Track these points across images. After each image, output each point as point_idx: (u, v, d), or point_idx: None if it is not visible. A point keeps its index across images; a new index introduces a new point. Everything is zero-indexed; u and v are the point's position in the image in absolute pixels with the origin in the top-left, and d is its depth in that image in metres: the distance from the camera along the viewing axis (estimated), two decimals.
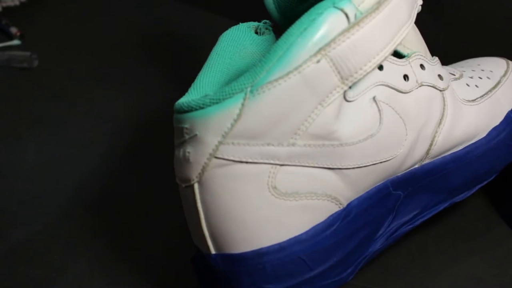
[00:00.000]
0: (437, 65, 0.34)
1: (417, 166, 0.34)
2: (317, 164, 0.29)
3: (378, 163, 0.31)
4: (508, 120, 0.37)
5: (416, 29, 0.34)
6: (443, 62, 0.40)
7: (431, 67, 0.33)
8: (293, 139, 0.28)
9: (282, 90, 0.27)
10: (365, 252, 0.33)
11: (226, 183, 0.28)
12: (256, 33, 0.35)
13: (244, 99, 0.27)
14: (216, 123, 0.28)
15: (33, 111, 0.51)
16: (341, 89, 0.29)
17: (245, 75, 0.28)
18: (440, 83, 0.33)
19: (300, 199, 0.30)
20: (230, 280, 0.30)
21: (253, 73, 0.28)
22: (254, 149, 0.28)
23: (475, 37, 0.50)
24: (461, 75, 0.37)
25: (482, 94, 0.36)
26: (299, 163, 0.29)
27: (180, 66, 0.56)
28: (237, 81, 0.28)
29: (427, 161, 0.34)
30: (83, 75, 0.55)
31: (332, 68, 0.28)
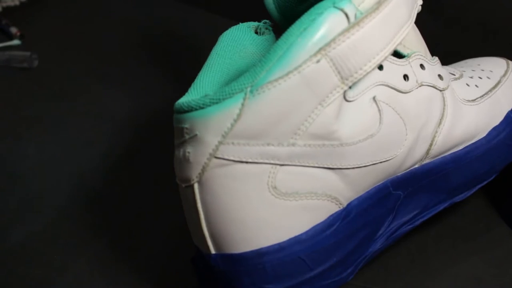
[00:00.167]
0: (437, 65, 0.34)
1: (417, 166, 0.34)
2: (317, 164, 0.29)
3: (378, 163, 0.31)
4: (508, 120, 0.37)
5: (416, 29, 0.34)
6: (443, 62, 0.40)
7: (431, 67, 0.33)
8: (293, 139, 0.28)
9: (282, 90, 0.27)
10: (365, 252, 0.33)
11: (226, 183, 0.28)
12: (256, 33, 0.35)
13: (244, 99, 0.27)
14: (216, 123, 0.28)
15: (33, 111, 0.51)
16: (341, 89, 0.29)
17: (245, 75, 0.28)
18: (440, 83, 0.33)
19: (300, 199, 0.30)
20: (230, 280, 0.30)
21: (253, 73, 0.28)
22: (254, 149, 0.28)
23: (475, 37, 0.50)
24: (461, 75, 0.37)
25: (482, 94, 0.36)
26: (299, 163, 0.29)
27: (180, 66, 0.56)
28: (237, 81, 0.28)
29: (427, 161, 0.34)
30: (83, 75, 0.55)
31: (332, 68, 0.28)
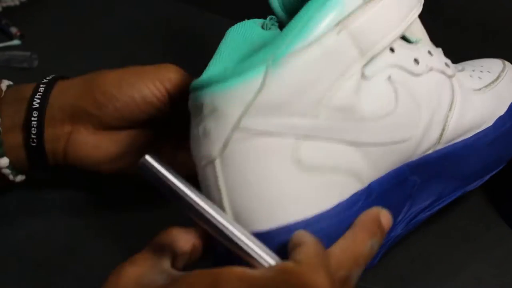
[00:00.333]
0: (442, 54, 0.35)
1: (431, 151, 0.34)
2: (340, 137, 0.29)
3: (397, 143, 0.31)
4: (511, 112, 0.38)
5: (420, 23, 0.34)
6: None
7: (438, 54, 0.34)
8: (316, 110, 0.28)
9: (304, 60, 0.28)
10: (388, 235, 0.33)
11: (249, 156, 0.28)
12: (263, 28, 0.35)
13: (266, 70, 0.27)
14: (239, 95, 0.27)
15: None
16: (360, 64, 0.29)
17: (266, 48, 0.28)
18: (448, 70, 0.34)
19: (324, 174, 0.29)
20: None
21: (274, 45, 0.28)
22: (278, 120, 0.28)
23: (475, 37, 0.50)
24: (463, 69, 0.38)
25: (485, 85, 0.37)
26: (322, 135, 0.29)
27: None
28: (258, 53, 0.28)
29: (439, 147, 0.34)
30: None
31: (351, 41, 0.28)
